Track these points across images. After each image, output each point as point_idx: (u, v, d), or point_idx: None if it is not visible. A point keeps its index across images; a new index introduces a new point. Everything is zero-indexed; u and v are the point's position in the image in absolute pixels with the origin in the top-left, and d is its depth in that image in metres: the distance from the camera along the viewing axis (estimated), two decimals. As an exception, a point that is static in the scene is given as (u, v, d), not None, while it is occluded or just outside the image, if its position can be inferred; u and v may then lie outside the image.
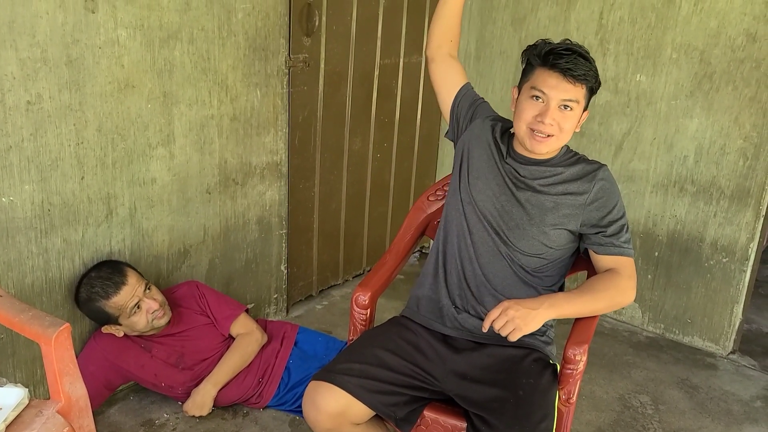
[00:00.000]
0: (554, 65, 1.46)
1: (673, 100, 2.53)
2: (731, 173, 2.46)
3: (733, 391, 2.38)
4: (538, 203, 1.55)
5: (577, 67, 1.45)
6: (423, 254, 3.37)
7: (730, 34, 2.37)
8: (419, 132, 3.13)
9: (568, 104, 1.48)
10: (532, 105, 1.50)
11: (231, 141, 2.23)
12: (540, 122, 1.48)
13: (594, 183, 1.54)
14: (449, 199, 1.67)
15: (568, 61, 1.45)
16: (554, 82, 1.47)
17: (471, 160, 1.63)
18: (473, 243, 1.59)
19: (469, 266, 1.59)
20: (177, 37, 1.97)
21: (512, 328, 1.39)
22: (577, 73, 1.45)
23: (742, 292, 2.52)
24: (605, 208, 1.54)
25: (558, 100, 1.47)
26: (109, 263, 1.92)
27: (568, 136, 1.52)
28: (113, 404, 2.08)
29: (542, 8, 2.78)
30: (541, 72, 1.49)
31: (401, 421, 1.47)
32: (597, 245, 1.55)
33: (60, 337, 1.26)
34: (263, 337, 2.11)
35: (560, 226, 1.54)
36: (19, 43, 1.64)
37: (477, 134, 1.65)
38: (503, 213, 1.57)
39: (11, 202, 1.72)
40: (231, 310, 2.10)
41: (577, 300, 1.47)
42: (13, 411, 1.24)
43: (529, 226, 1.54)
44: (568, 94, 1.47)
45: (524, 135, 1.53)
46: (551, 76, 1.47)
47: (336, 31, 2.53)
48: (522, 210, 1.55)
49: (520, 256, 1.55)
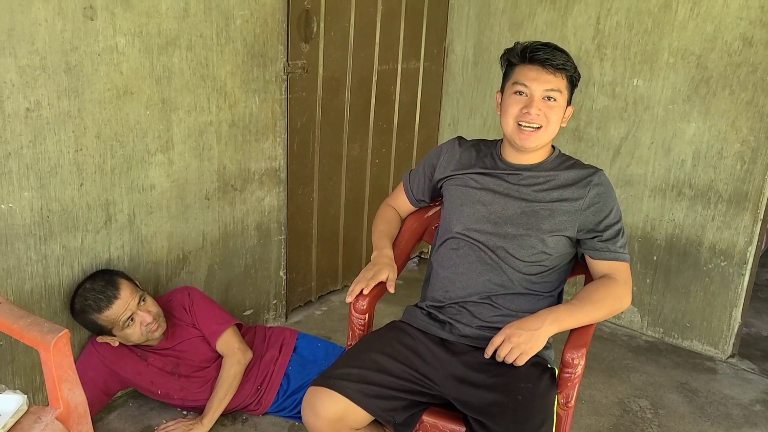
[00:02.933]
0: (533, 59, 1.53)
1: (671, 105, 2.54)
2: (729, 177, 2.46)
3: (733, 394, 2.38)
4: (533, 211, 1.56)
5: (555, 58, 1.52)
6: (422, 260, 3.38)
7: (727, 38, 2.38)
8: (417, 137, 3.14)
9: (552, 94, 1.53)
10: (517, 100, 1.55)
11: (230, 147, 2.24)
12: (527, 113, 1.53)
13: (589, 188, 1.55)
14: (443, 214, 1.69)
15: (545, 53, 1.53)
16: (535, 75, 1.53)
17: (449, 192, 1.68)
18: (467, 256, 1.60)
19: (464, 279, 1.59)
20: (175, 43, 1.98)
21: (518, 353, 1.42)
22: (556, 63, 1.52)
23: (740, 295, 2.52)
24: (601, 213, 1.55)
25: (541, 91, 1.53)
26: (103, 274, 1.89)
27: (555, 128, 1.56)
28: (112, 410, 2.08)
29: (539, 14, 2.79)
30: (521, 68, 1.56)
31: (400, 426, 1.46)
32: (593, 250, 1.56)
33: (59, 343, 1.26)
34: (245, 356, 2.02)
35: (557, 233, 1.55)
36: (18, 50, 1.65)
37: (445, 166, 1.70)
38: (498, 224, 1.58)
39: (10, 208, 1.73)
40: (217, 325, 2.01)
41: (578, 312, 1.49)
42: (12, 417, 1.24)
43: (526, 235, 1.55)
44: (550, 84, 1.53)
45: (512, 131, 1.57)
46: (531, 69, 1.54)
47: (334, 37, 2.54)
48: (517, 219, 1.56)
49: (519, 264, 1.56)
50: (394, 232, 1.79)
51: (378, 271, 1.60)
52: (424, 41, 2.98)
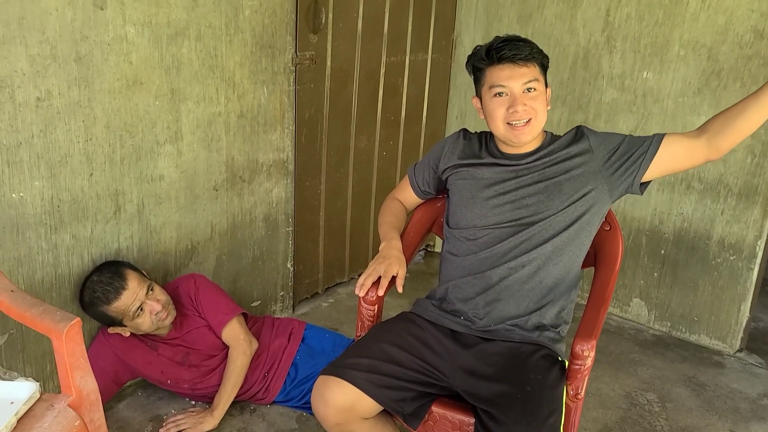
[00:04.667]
0: (500, 58, 1.53)
1: (681, 98, 2.53)
2: (739, 171, 2.45)
3: (740, 389, 2.38)
4: (551, 184, 1.57)
5: (521, 50, 1.53)
6: (428, 253, 3.37)
7: (738, 30, 2.36)
8: (425, 130, 3.13)
9: (530, 86, 1.54)
10: (499, 102, 1.55)
11: (238, 138, 2.24)
12: (514, 112, 1.53)
13: (585, 138, 1.59)
14: (451, 206, 1.69)
15: (510, 49, 1.53)
16: (508, 73, 1.53)
17: (455, 185, 1.68)
18: (486, 243, 1.60)
19: (486, 263, 1.59)
20: (184, 34, 1.98)
21: None
22: (524, 55, 1.53)
23: (749, 290, 2.51)
24: (616, 138, 1.58)
25: (519, 86, 1.53)
26: (110, 266, 1.90)
27: (543, 115, 1.57)
28: (122, 400, 2.09)
29: (548, 5, 2.77)
30: (491, 70, 1.56)
31: (409, 417, 1.47)
32: (650, 153, 1.55)
33: (71, 331, 1.26)
34: (250, 346, 2.01)
35: (580, 191, 1.56)
36: (28, 39, 1.65)
37: (449, 158, 1.70)
38: (515, 203, 1.58)
39: (21, 198, 1.73)
40: (222, 315, 2.01)
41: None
42: (25, 405, 1.25)
43: (550, 202, 1.56)
44: (525, 76, 1.53)
45: (504, 133, 1.57)
46: (503, 68, 1.54)
47: (342, 28, 2.53)
48: (534, 195, 1.57)
49: (550, 227, 1.56)
50: (401, 225, 1.79)
51: (389, 265, 1.60)
52: (432, 33, 2.97)
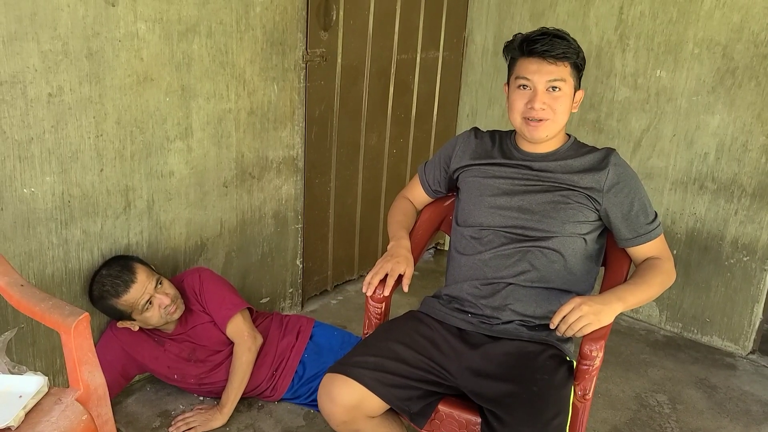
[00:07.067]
0: (531, 51, 1.52)
1: (694, 96, 2.50)
2: (753, 170, 2.42)
3: (753, 391, 2.35)
4: (555, 191, 1.56)
5: (554, 48, 1.50)
6: (438, 251, 3.36)
7: (753, 29, 2.33)
8: (435, 128, 3.12)
9: (555, 85, 1.51)
10: (521, 94, 1.54)
11: (248, 135, 2.24)
12: (531, 108, 1.52)
13: (605, 173, 1.55)
14: (460, 205, 1.69)
15: (543, 44, 1.51)
16: (535, 67, 1.52)
17: (466, 183, 1.67)
18: (491, 243, 1.59)
19: (493, 264, 1.59)
20: (195, 30, 1.98)
21: (586, 323, 1.40)
22: (556, 53, 1.50)
23: (762, 291, 2.48)
24: (626, 197, 1.55)
25: (543, 83, 1.51)
26: (118, 260, 1.90)
27: (563, 117, 1.55)
28: (130, 395, 2.10)
29: (561, 3, 2.75)
30: (522, 61, 1.55)
31: (416, 415, 1.46)
32: (630, 239, 1.57)
33: (80, 326, 1.27)
34: (255, 342, 2.00)
35: (585, 211, 1.55)
36: (41, 35, 1.66)
37: (460, 156, 1.69)
38: (520, 210, 1.58)
39: (32, 193, 1.75)
40: (226, 310, 2.00)
41: (638, 291, 1.50)
42: (33, 398, 1.26)
43: (556, 213, 1.55)
44: (551, 74, 1.51)
45: (520, 125, 1.57)
46: (531, 62, 1.52)
47: (353, 25, 2.52)
48: (543, 201, 1.57)
49: (555, 241, 1.55)
50: (411, 224, 1.79)
51: (396, 264, 1.60)
52: (443, 30, 2.96)
